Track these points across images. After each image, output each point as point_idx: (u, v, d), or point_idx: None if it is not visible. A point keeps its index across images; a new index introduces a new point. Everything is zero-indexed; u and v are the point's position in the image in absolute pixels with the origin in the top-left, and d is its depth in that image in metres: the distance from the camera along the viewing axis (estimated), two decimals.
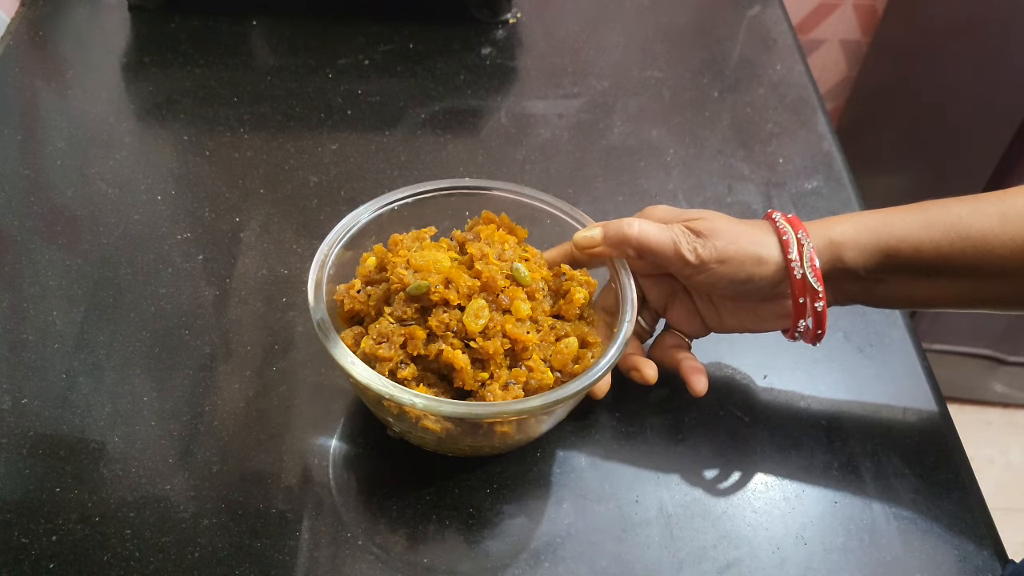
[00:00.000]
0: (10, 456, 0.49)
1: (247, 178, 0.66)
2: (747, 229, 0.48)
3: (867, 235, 0.46)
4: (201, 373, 0.53)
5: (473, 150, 0.70)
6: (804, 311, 0.47)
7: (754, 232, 0.48)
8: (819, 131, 0.74)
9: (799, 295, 0.47)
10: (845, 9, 1.41)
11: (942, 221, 0.45)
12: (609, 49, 0.82)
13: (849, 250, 0.46)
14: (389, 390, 0.42)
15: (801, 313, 0.48)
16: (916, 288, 0.47)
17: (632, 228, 0.48)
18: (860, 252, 0.46)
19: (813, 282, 0.46)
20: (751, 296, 0.49)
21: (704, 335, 0.53)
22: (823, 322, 0.47)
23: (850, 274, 0.47)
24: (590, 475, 0.50)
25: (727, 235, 0.47)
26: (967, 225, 0.44)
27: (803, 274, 0.46)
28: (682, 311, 0.52)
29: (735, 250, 0.47)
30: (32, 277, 0.58)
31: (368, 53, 0.78)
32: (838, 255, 0.46)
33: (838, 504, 0.50)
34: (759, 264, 0.47)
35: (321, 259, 0.48)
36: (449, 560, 0.46)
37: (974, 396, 1.49)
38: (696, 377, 0.50)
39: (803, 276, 0.46)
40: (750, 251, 0.47)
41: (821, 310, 0.47)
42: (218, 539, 0.46)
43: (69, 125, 0.70)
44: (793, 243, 0.46)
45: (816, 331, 0.48)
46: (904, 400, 0.55)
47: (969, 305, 0.47)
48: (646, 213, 0.51)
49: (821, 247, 0.46)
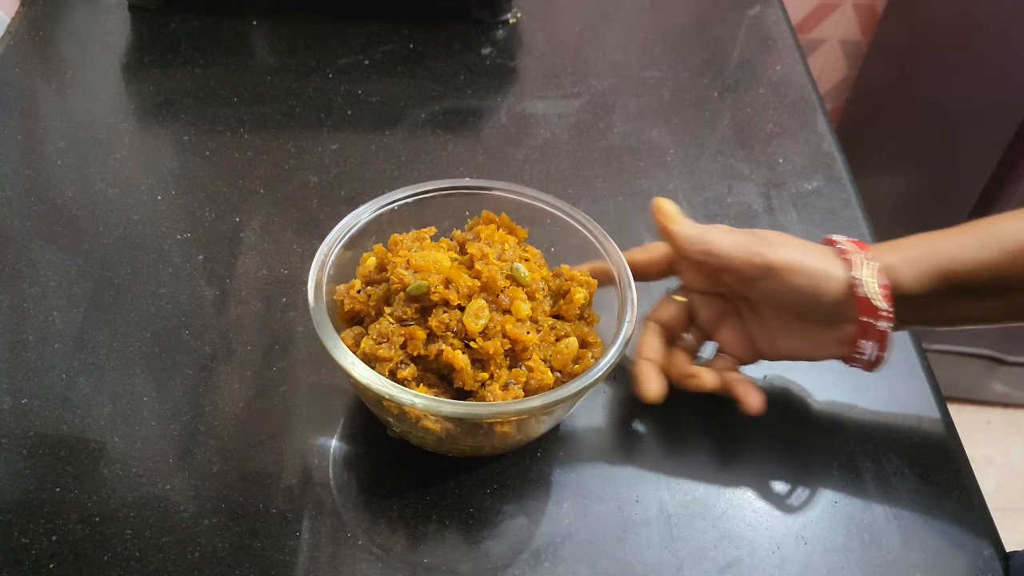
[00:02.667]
0: (10, 456, 0.49)
1: (247, 178, 0.66)
2: (811, 246, 0.48)
3: (922, 261, 0.46)
4: (201, 373, 0.53)
5: (473, 150, 0.70)
6: (868, 331, 0.46)
7: (818, 249, 0.47)
8: (819, 131, 0.74)
9: (863, 314, 0.46)
10: (845, 9, 1.41)
11: (995, 240, 0.45)
12: (609, 49, 0.82)
13: (905, 275, 0.46)
14: (389, 390, 0.42)
15: (864, 333, 0.46)
16: (972, 308, 0.47)
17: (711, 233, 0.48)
18: (916, 277, 0.46)
19: (878, 301, 0.45)
20: (812, 315, 0.47)
21: (754, 361, 0.52)
22: (886, 344, 0.47)
23: (906, 299, 0.46)
24: (590, 475, 0.50)
25: (794, 247, 0.47)
26: (1021, 242, 0.44)
27: (867, 293, 0.45)
28: (733, 333, 0.51)
29: (805, 260, 0.46)
30: (32, 277, 0.58)
31: (368, 53, 0.78)
32: (895, 279, 0.46)
33: (838, 504, 0.50)
34: (826, 279, 0.46)
35: (321, 259, 0.48)
36: (449, 560, 0.46)
37: (974, 396, 1.49)
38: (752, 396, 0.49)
39: (867, 295, 0.45)
40: (818, 264, 0.46)
41: (886, 330, 0.46)
42: (218, 539, 0.46)
43: (69, 125, 0.70)
44: (857, 263, 0.46)
45: (879, 353, 0.47)
46: (904, 400, 0.55)
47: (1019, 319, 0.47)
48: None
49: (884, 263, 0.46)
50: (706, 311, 0.51)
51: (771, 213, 0.67)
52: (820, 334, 0.48)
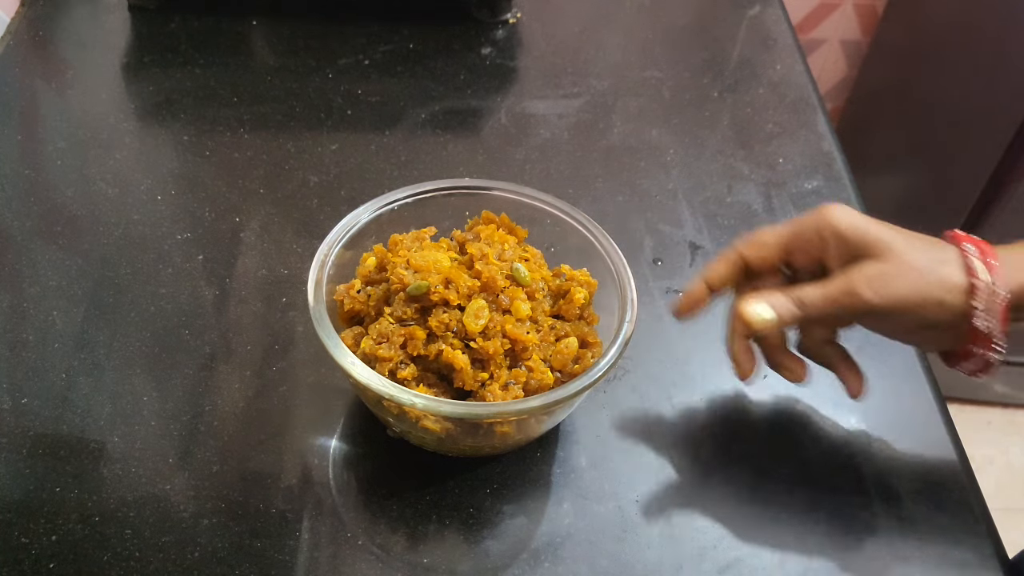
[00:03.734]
0: (10, 456, 0.49)
1: (247, 178, 0.66)
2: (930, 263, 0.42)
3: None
4: (201, 373, 0.53)
5: (473, 150, 0.70)
6: (970, 355, 0.44)
7: (940, 268, 0.42)
8: (819, 131, 0.74)
9: (972, 342, 0.43)
10: (845, 9, 1.41)
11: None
12: (609, 49, 0.82)
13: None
14: (389, 390, 0.42)
15: (966, 356, 0.44)
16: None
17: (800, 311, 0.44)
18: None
19: (995, 335, 0.42)
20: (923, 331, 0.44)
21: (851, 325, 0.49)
22: (990, 370, 0.44)
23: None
24: (590, 475, 0.50)
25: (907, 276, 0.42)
26: None
27: (988, 328, 0.42)
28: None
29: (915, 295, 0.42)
30: (32, 277, 0.58)
31: (368, 53, 0.78)
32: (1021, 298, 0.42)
33: (838, 504, 0.50)
34: (939, 309, 0.42)
35: (321, 259, 0.48)
36: (449, 560, 0.46)
37: (974, 396, 1.49)
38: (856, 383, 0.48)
39: (987, 328, 0.42)
40: (932, 295, 0.42)
41: (993, 362, 0.43)
42: (218, 539, 0.46)
43: (69, 125, 0.70)
44: (982, 291, 0.41)
45: (980, 373, 0.45)
46: (904, 400, 0.55)
47: None
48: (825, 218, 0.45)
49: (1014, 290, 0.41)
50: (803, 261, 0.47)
51: (771, 213, 0.67)
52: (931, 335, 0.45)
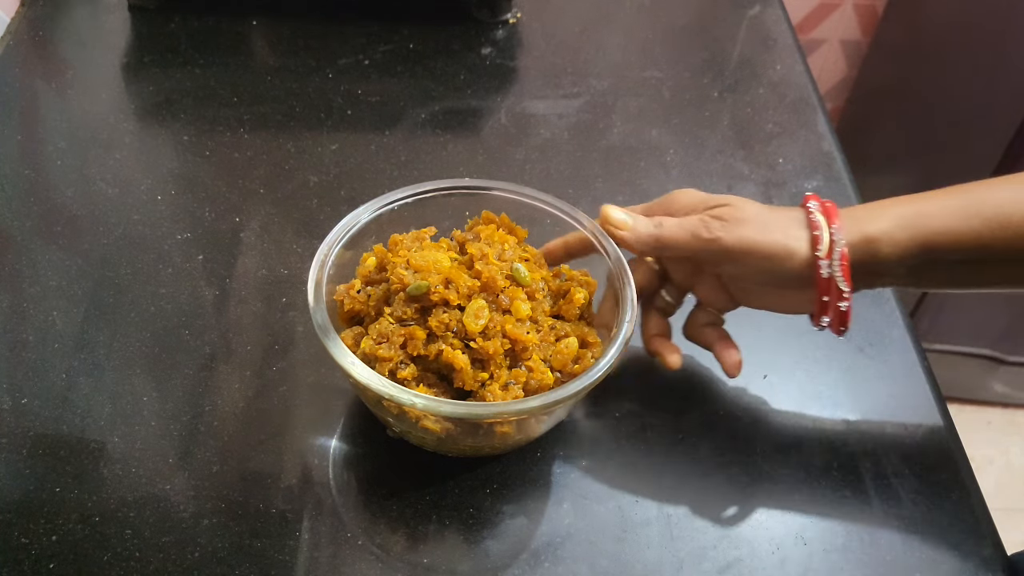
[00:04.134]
0: (10, 456, 0.49)
1: (247, 178, 0.66)
2: (777, 218, 0.47)
3: (904, 231, 0.44)
4: (201, 373, 0.53)
5: (473, 150, 0.70)
6: (827, 309, 0.47)
7: (785, 222, 0.46)
8: (819, 131, 0.74)
9: (823, 294, 0.46)
10: (845, 9, 1.41)
11: (982, 210, 0.43)
12: (609, 49, 0.82)
13: (885, 247, 0.45)
14: (389, 390, 0.42)
15: (824, 310, 0.47)
16: (952, 275, 0.46)
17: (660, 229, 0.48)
18: (897, 248, 0.45)
19: (840, 283, 0.45)
20: (778, 284, 0.48)
21: (733, 308, 0.52)
22: (847, 320, 0.47)
23: (884, 267, 0.45)
24: (590, 475, 0.50)
25: (754, 224, 0.46)
26: (1008, 213, 0.43)
27: (830, 274, 0.45)
28: (709, 287, 0.51)
29: (763, 241, 0.45)
30: (32, 277, 0.58)
31: (368, 53, 0.78)
32: (872, 251, 0.45)
33: (838, 504, 0.50)
34: (787, 257, 0.45)
35: (321, 259, 0.48)
36: (449, 560, 0.46)
37: (974, 396, 1.49)
38: (730, 356, 0.50)
39: (830, 276, 0.45)
40: (778, 243, 0.45)
41: (845, 310, 0.46)
42: (218, 539, 0.46)
43: (69, 125, 0.70)
44: (824, 240, 0.45)
45: (839, 327, 0.47)
46: (904, 400, 0.55)
47: (1005, 286, 0.47)
48: (671, 198, 0.50)
49: (855, 243, 0.45)
50: (679, 272, 0.52)
51: None
52: (790, 295, 0.48)
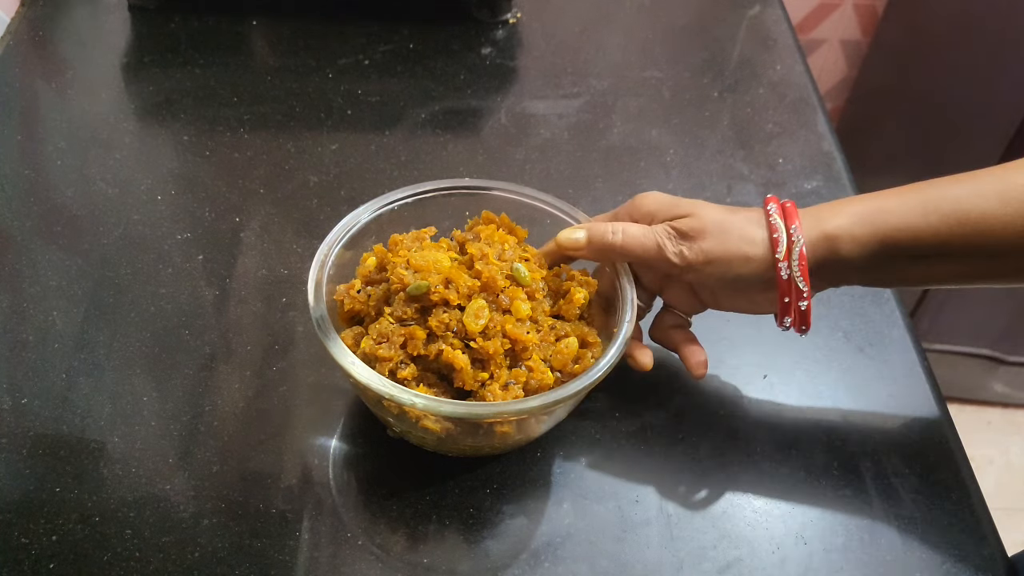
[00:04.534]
0: (10, 456, 0.49)
1: (247, 178, 0.66)
2: (736, 224, 0.47)
3: (863, 227, 0.45)
4: (201, 373, 0.53)
5: (473, 150, 0.70)
6: (789, 309, 0.47)
7: (743, 227, 0.47)
8: (819, 131, 0.74)
9: (784, 294, 0.47)
10: (845, 9, 1.41)
11: (940, 206, 0.44)
12: (609, 49, 0.82)
13: (845, 243, 0.45)
14: (389, 390, 0.42)
15: (786, 311, 0.47)
16: (912, 271, 0.46)
17: (616, 237, 0.48)
18: (856, 244, 0.45)
19: (799, 283, 0.46)
20: (741, 288, 0.48)
21: (701, 311, 0.53)
22: (807, 319, 0.47)
23: (845, 264, 0.46)
24: (590, 475, 0.50)
25: (714, 234, 0.47)
26: (966, 210, 0.43)
27: (789, 275, 0.46)
28: (677, 291, 0.52)
29: (722, 250, 0.46)
30: (32, 277, 0.58)
31: (368, 53, 0.78)
32: (833, 248, 0.46)
33: (838, 504, 0.50)
34: (746, 263, 0.46)
35: (321, 259, 0.48)
36: (449, 560, 0.46)
37: (974, 396, 1.49)
38: (695, 356, 0.51)
39: (789, 276, 0.46)
40: (737, 251, 0.46)
41: (804, 309, 0.47)
42: (218, 539, 0.46)
43: (69, 125, 0.70)
44: (783, 241, 0.46)
45: (800, 326, 0.48)
46: (904, 400, 0.55)
47: (963, 282, 0.47)
48: (636, 202, 0.50)
49: (814, 241, 0.46)
50: (648, 276, 0.52)
51: None
52: (756, 297, 0.49)
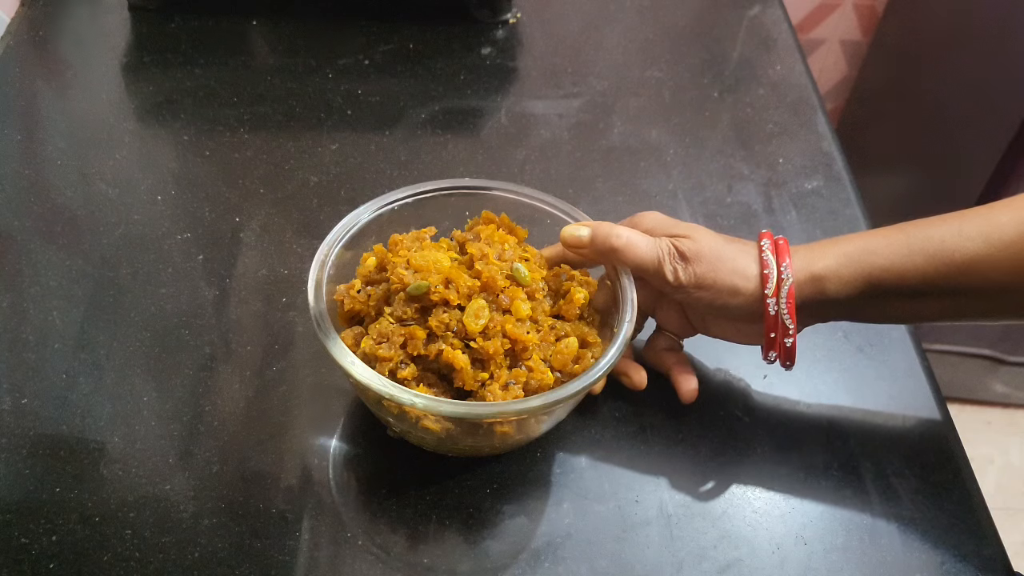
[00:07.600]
0: (10, 456, 0.49)
1: (247, 178, 0.66)
2: (730, 254, 0.48)
3: (850, 268, 0.46)
4: (201, 373, 0.53)
5: (473, 150, 0.70)
6: (774, 344, 0.48)
7: (737, 259, 0.48)
8: (819, 131, 0.74)
9: (770, 330, 0.47)
10: (845, 9, 1.41)
11: (925, 247, 0.45)
12: (609, 49, 0.82)
13: (832, 283, 0.47)
14: (389, 390, 0.42)
15: (771, 346, 0.48)
16: (899, 309, 0.48)
17: (620, 239, 0.48)
18: (843, 284, 0.46)
19: (785, 320, 0.47)
20: (729, 318, 0.49)
21: (693, 335, 0.53)
22: (792, 355, 0.48)
23: (831, 302, 0.47)
24: (590, 475, 0.50)
25: (709, 260, 0.47)
26: (951, 250, 0.45)
27: (777, 311, 0.47)
28: (670, 313, 0.52)
29: (713, 279, 0.47)
30: (32, 277, 0.58)
31: (368, 53, 0.78)
32: (820, 288, 0.47)
33: (838, 504, 0.50)
34: (734, 295, 0.47)
35: (321, 259, 0.48)
36: (449, 560, 0.46)
37: (974, 396, 1.49)
38: (686, 382, 0.52)
39: (776, 313, 0.47)
40: (728, 282, 0.47)
41: (790, 346, 0.48)
42: (218, 539, 0.46)
43: (69, 125, 0.70)
44: (773, 278, 0.47)
45: (785, 361, 0.49)
46: (904, 400, 0.55)
47: (948, 319, 0.48)
48: (636, 220, 0.51)
49: (803, 281, 0.47)
50: (641, 294, 0.52)
51: (771, 213, 0.67)
52: (744, 328, 0.50)
